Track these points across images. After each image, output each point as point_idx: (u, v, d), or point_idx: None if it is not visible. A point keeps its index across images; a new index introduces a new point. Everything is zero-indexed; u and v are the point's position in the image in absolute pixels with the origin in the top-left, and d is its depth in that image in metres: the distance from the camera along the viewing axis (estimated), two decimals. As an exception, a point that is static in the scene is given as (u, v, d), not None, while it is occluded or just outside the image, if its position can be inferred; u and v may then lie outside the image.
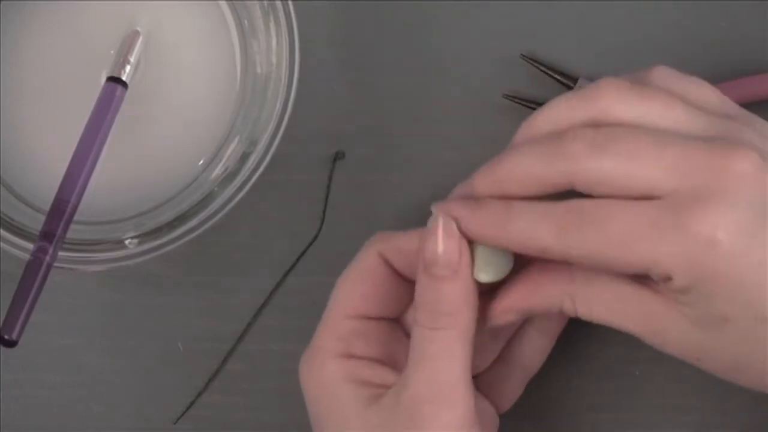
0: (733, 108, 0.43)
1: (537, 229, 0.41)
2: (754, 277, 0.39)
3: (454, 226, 0.43)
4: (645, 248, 0.39)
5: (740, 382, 0.42)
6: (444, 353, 0.43)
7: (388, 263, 0.46)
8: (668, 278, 0.40)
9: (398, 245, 0.46)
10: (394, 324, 0.47)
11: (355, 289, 0.46)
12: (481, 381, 0.48)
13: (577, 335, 0.51)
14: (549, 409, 0.51)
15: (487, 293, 0.45)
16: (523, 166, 0.42)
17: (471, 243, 0.43)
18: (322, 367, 0.45)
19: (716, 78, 0.52)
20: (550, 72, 0.52)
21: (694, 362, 0.42)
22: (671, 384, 0.52)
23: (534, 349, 0.48)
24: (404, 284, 0.46)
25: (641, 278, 0.41)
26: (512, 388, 0.48)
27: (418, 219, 0.52)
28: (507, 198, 0.42)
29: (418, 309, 0.43)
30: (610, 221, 0.40)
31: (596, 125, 0.41)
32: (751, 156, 0.39)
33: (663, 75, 0.43)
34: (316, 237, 0.52)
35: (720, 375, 0.42)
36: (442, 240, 0.43)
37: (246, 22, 0.50)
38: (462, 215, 0.43)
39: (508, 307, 0.44)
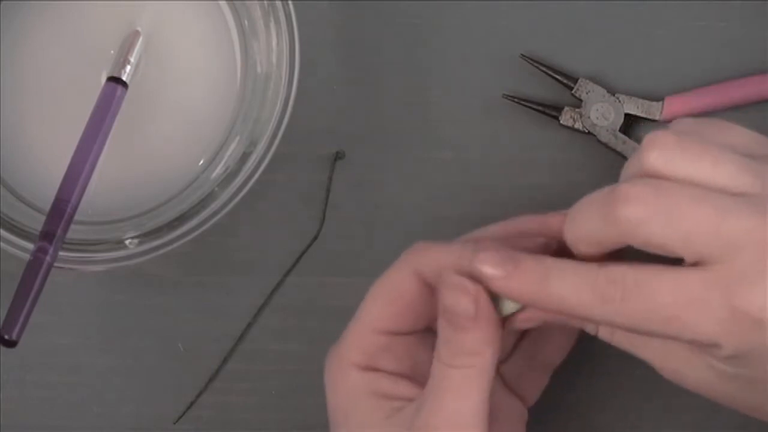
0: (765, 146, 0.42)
1: (578, 296, 0.40)
2: None
3: (468, 284, 0.42)
4: (691, 324, 0.39)
5: (754, 416, 0.42)
6: (460, 390, 0.42)
7: (422, 277, 0.45)
8: (715, 346, 0.39)
9: (435, 259, 0.45)
10: (424, 333, 0.46)
11: (387, 307, 0.45)
12: (504, 373, 0.48)
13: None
14: (549, 409, 0.51)
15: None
16: (584, 230, 0.41)
17: None
18: (345, 377, 0.45)
19: (716, 78, 0.52)
20: (550, 72, 0.52)
21: (708, 397, 0.42)
22: (671, 384, 0.52)
23: (555, 346, 0.48)
24: (437, 296, 0.45)
25: None
26: (536, 380, 0.48)
27: (417, 219, 0.52)
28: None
29: (438, 342, 0.43)
30: (655, 296, 0.39)
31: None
32: None
33: (688, 126, 0.42)
34: (316, 237, 0.52)
35: (733, 408, 0.42)
36: (457, 297, 0.42)
37: (246, 22, 0.50)
38: (498, 276, 0.42)
39: (530, 317, 0.44)
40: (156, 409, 0.52)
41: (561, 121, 0.52)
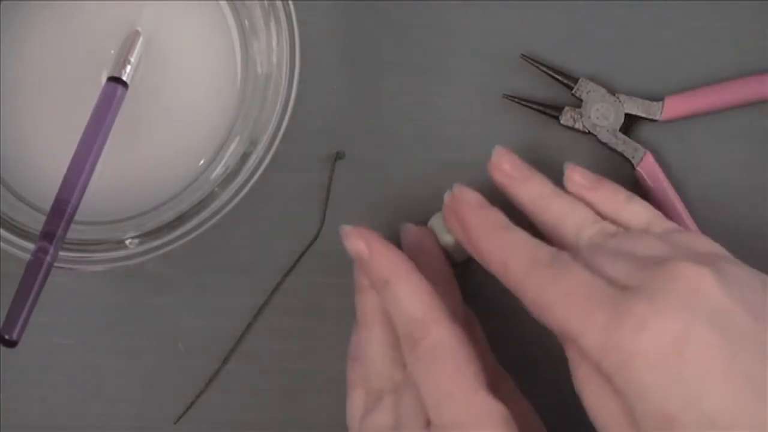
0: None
1: (516, 250, 0.45)
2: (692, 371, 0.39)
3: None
4: (578, 311, 0.42)
5: None
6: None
7: None
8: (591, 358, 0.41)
9: None
10: None
11: None
12: None
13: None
14: (548, 409, 0.51)
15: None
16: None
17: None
18: None
19: (716, 78, 0.52)
20: (550, 72, 0.52)
21: None
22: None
23: None
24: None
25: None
26: None
27: (417, 219, 0.52)
28: None
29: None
30: (570, 276, 0.43)
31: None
32: (688, 270, 0.41)
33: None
34: (316, 237, 0.52)
35: None
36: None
37: (246, 22, 0.50)
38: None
39: None
40: (156, 409, 0.52)
41: (561, 121, 0.52)
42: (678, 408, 0.39)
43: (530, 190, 0.48)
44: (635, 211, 0.47)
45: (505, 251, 0.45)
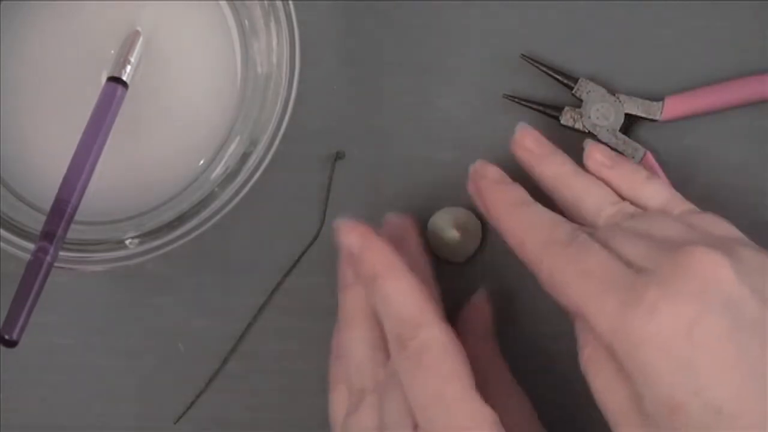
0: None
1: (534, 227, 0.45)
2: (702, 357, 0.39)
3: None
4: (593, 291, 0.42)
5: None
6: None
7: None
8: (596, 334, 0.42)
9: None
10: None
11: None
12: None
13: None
14: (549, 409, 0.51)
15: None
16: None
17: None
18: None
19: (716, 78, 0.52)
20: (550, 72, 0.52)
21: None
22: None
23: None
24: None
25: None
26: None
27: (417, 219, 0.52)
28: None
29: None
30: (587, 256, 0.43)
31: None
32: (704, 256, 0.41)
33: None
34: (316, 237, 0.52)
35: None
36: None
37: (246, 22, 0.50)
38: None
39: None
40: (156, 409, 0.52)
41: (561, 121, 0.52)
42: (685, 395, 0.39)
43: (552, 167, 0.49)
44: (654, 190, 0.47)
45: (522, 228, 0.45)
